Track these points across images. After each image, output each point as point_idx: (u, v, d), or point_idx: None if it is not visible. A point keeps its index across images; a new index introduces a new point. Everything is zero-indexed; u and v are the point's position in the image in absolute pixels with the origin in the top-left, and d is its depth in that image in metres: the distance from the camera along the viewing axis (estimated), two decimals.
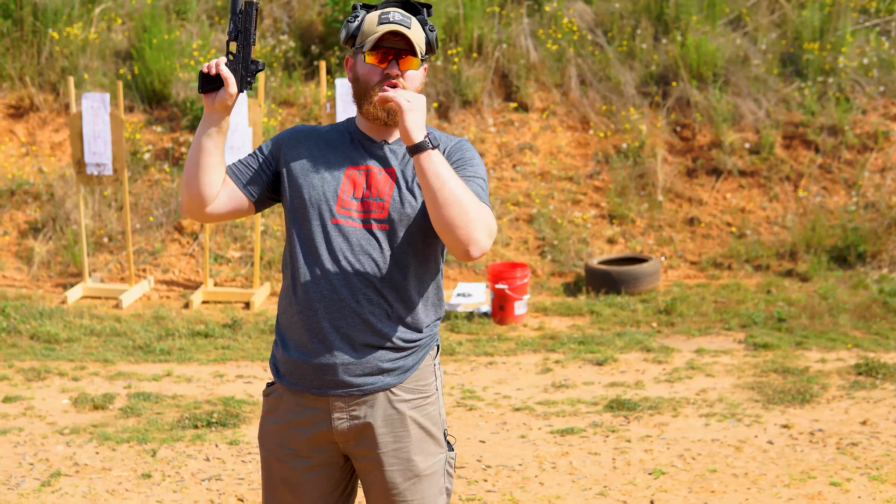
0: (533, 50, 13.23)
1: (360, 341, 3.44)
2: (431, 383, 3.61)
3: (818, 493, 6.06)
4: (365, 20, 3.51)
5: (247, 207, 3.57)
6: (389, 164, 3.51)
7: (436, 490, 3.61)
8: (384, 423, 3.50)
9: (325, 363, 3.44)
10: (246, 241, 11.52)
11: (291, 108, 12.80)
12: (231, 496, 6.16)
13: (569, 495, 6.11)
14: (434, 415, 3.61)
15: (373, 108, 3.47)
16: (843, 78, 12.76)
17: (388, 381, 3.49)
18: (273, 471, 3.63)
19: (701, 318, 9.90)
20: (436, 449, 3.60)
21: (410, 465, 3.54)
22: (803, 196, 11.89)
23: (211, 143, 3.43)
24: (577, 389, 8.06)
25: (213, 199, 3.48)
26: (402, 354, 3.50)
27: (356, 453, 3.56)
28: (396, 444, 3.52)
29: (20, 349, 9.12)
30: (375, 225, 3.45)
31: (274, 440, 3.61)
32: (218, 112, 3.41)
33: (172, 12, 13.93)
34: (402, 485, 3.54)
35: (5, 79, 13.09)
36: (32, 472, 6.48)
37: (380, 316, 3.45)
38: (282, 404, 3.58)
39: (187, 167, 3.46)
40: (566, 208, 11.99)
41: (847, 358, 8.63)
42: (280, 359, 3.57)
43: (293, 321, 3.50)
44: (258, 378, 8.39)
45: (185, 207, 3.53)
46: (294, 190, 3.52)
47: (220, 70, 3.36)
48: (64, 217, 11.66)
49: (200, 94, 3.47)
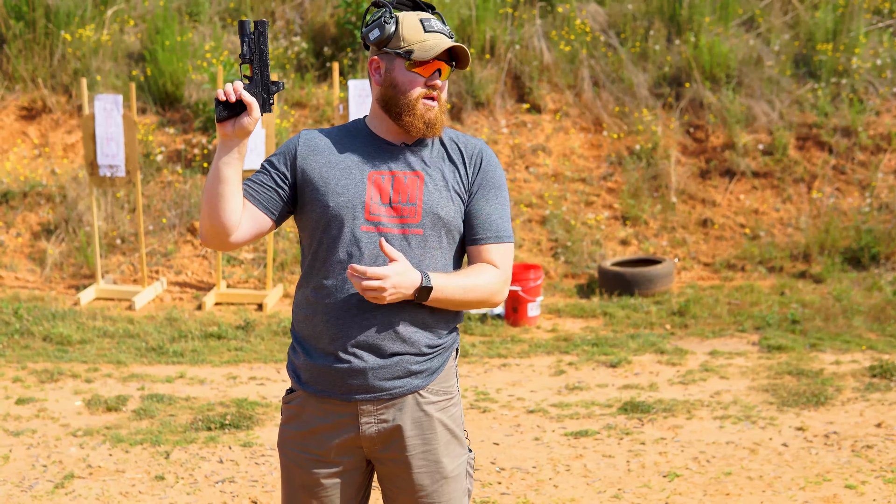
0: (546, 51, 13.22)
1: (389, 348, 3.41)
2: (454, 385, 3.61)
3: (833, 496, 6.03)
4: (404, 24, 3.44)
5: (269, 228, 3.51)
6: (414, 167, 3.47)
7: (461, 491, 3.61)
8: (413, 425, 3.49)
9: (353, 368, 3.41)
10: (259, 242, 11.52)
11: (304, 109, 12.80)
12: (244, 498, 6.15)
13: (583, 498, 6.09)
14: (457, 416, 3.61)
15: (416, 121, 3.44)
16: (857, 79, 12.72)
17: (416, 383, 3.47)
18: (294, 478, 3.60)
19: (715, 319, 9.88)
20: (460, 450, 3.60)
21: (439, 468, 3.53)
22: (817, 197, 11.86)
23: (232, 172, 3.34)
24: (591, 391, 8.04)
25: (237, 226, 3.40)
26: (429, 357, 3.48)
27: (383, 457, 3.53)
28: (425, 447, 3.51)
29: (33, 351, 9.12)
30: (409, 230, 3.42)
31: (295, 447, 3.57)
32: (238, 138, 3.33)
33: (185, 14, 13.95)
34: (430, 487, 3.53)
35: (18, 81, 13.11)
36: (46, 474, 6.48)
37: (409, 322, 3.42)
38: (305, 411, 3.54)
39: (209, 199, 3.36)
40: (579, 210, 11.98)
41: (861, 360, 8.60)
42: (302, 366, 3.52)
43: (318, 329, 3.46)
44: (271, 380, 8.38)
45: (208, 239, 3.45)
46: (316, 200, 3.45)
47: (241, 96, 3.27)
48: (77, 219, 11.67)
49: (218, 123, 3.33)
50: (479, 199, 3.52)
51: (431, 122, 3.45)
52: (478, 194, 3.52)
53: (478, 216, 3.51)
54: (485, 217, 3.52)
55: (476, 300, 3.46)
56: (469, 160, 3.53)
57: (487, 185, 3.53)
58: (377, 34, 3.44)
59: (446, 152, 3.53)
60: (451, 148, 3.54)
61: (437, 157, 3.51)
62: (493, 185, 3.54)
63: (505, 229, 3.54)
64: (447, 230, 3.47)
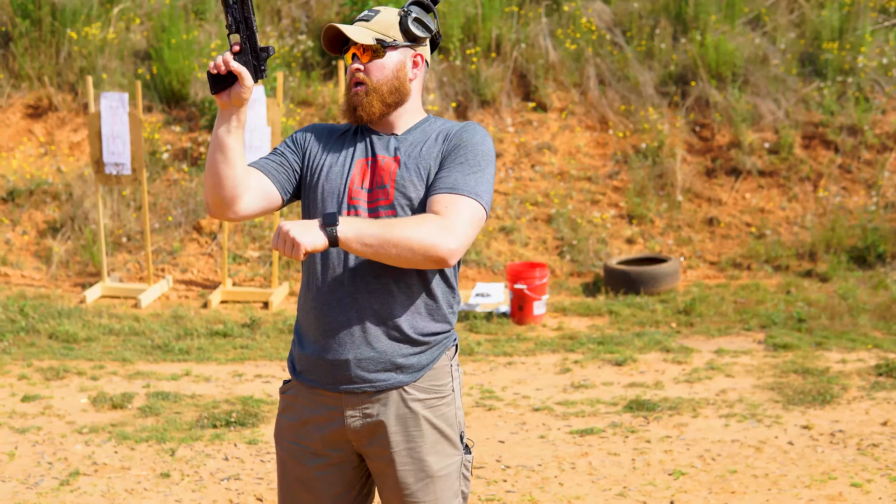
0: (551, 50, 13.22)
1: (373, 335, 3.41)
2: (448, 384, 3.57)
3: (839, 494, 6.03)
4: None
5: (277, 204, 3.51)
6: (396, 153, 3.48)
7: (450, 493, 3.57)
8: (397, 421, 3.47)
9: (338, 358, 3.42)
10: (264, 240, 11.52)
11: (310, 107, 12.81)
12: (250, 495, 6.16)
13: (588, 496, 6.09)
14: (450, 416, 3.57)
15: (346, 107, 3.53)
16: (863, 78, 12.71)
17: (401, 378, 3.45)
18: (288, 469, 3.61)
19: (720, 318, 9.88)
20: (451, 451, 3.57)
21: (423, 466, 3.50)
22: (823, 196, 11.85)
23: (232, 139, 3.33)
24: (597, 390, 8.04)
25: (242, 196, 3.39)
26: (416, 350, 3.46)
27: (369, 452, 3.53)
28: (409, 444, 3.49)
29: (39, 348, 9.14)
30: (382, 212, 3.41)
31: (289, 437, 3.59)
32: (235, 106, 3.32)
33: (191, 12, 13.95)
34: (415, 485, 3.51)
35: (24, 79, 13.12)
36: (51, 472, 6.49)
37: (391, 308, 3.41)
38: (298, 401, 3.56)
39: (210, 167, 3.36)
40: (585, 208, 11.97)
41: (867, 358, 8.59)
42: (297, 356, 3.55)
43: (309, 317, 3.48)
44: (277, 378, 8.39)
45: (212, 209, 3.43)
46: (312, 184, 3.50)
47: (230, 66, 3.27)
48: (83, 217, 11.68)
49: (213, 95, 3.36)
50: (441, 169, 3.43)
51: (356, 104, 3.48)
52: (443, 164, 3.44)
53: (436, 180, 3.42)
54: (442, 177, 3.42)
55: (407, 247, 3.21)
56: (446, 139, 3.50)
57: (454, 153, 3.45)
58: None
59: (428, 137, 3.52)
60: (433, 132, 3.54)
61: (417, 141, 3.51)
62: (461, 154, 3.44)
63: (463, 184, 3.37)
64: (418, 211, 3.42)
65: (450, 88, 12.92)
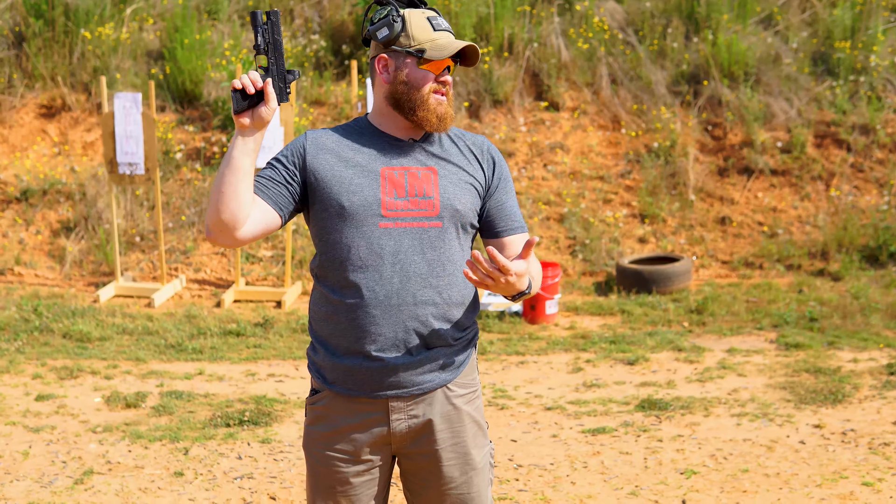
0: (564, 49, 13.22)
1: (417, 342, 3.43)
2: (476, 377, 3.66)
3: (850, 494, 6.03)
4: (412, 23, 3.45)
5: (276, 225, 3.45)
6: (426, 162, 3.48)
7: (486, 482, 3.65)
8: (443, 419, 3.52)
9: (382, 366, 3.42)
10: (277, 240, 11.55)
11: (323, 107, 12.83)
12: (263, 494, 6.18)
13: (600, 495, 6.11)
14: (481, 408, 3.65)
15: (430, 115, 3.45)
16: (875, 77, 12.70)
17: (444, 377, 3.50)
18: (320, 478, 3.60)
19: (732, 317, 9.87)
20: (484, 441, 3.65)
21: (468, 459, 3.57)
22: (835, 195, 11.84)
23: (248, 163, 3.29)
24: (609, 389, 8.05)
25: (245, 220, 3.33)
26: (454, 350, 3.51)
27: (411, 452, 3.55)
28: (455, 440, 3.54)
29: (53, 348, 9.17)
30: (428, 223, 3.43)
31: (321, 447, 3.56)
32: (256, 129, 3.31)
33: (204, 12, 13.99)
34: (460, 479, 3.56)
35: (38, 79, 13.17)
36: (65, 470, 6.52)
37: (435, 315, 3.44)
38: (331, 411, 3.53)
39: (221, 191, 3.30)
40: (597, 207, 11.98)
41: (879, 358, 8.59)
42: (326, 366, 3.51)
43: (341, 328, 3.44)
44: (290, 377, 8.41)
45: (215, 234, 3.36)
46: (329, 198, 3.42)
47: (265, 87, 3.26)
48: (96, 216, 11.72)
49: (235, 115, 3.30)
50: (500, 194, 3.59)
51: (442, 116, 3.47)
52: (499, 188, 3.59)
53: (502, 209, 3.59)
54: (508, 209, 3.61)
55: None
56: (482, 156, 3.58)
57: (504, 179, 3.63)
58: (386, 33, 3.44)
59: (456, 147, 3.56)
60: (460, 144, 3.58)
61: (448, 151, 3.54)
62: (507, 178, 3.65)
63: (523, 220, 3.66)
64: (463, 223, 3.49)
65: (462, 88, 12.93)
